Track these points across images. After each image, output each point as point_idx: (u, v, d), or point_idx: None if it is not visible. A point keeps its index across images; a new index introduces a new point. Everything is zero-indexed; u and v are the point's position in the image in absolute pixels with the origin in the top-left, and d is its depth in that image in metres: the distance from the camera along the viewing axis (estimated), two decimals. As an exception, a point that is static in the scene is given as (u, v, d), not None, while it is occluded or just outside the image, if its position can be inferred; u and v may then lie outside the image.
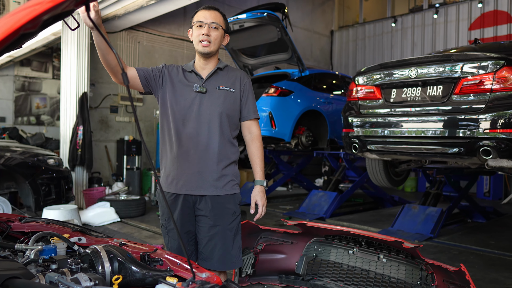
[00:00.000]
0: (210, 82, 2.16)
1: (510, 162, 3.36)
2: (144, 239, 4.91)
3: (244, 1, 10.06)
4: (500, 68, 3.36)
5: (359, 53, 12.11)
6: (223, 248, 2.11)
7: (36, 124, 9.45)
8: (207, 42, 2.09)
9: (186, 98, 2.13)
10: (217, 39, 2.12)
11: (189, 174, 2.12)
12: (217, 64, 2.20)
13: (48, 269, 1.23)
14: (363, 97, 4.31)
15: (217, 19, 2.12)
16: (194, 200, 2.15)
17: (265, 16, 5.65)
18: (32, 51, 8.90)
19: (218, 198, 2.14)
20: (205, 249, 2.14)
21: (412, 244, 1.79)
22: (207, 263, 2.14)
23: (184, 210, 2.15)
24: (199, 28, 2.11)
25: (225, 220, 2.13)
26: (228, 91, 2.17)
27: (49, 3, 0.79)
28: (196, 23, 2.12)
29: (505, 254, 4.27)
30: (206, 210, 2.13)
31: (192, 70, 2.18)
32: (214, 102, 2.13)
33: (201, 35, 2.09)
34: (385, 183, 5.07)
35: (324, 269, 2.25)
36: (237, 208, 2.20)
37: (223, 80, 2.19)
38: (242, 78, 2.24)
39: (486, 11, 9.62)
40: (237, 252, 2.16)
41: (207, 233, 2.13)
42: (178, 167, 2.14)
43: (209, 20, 2.09)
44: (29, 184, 5.09)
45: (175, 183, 2.15)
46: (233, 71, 2.26)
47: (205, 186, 2.13)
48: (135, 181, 7.81)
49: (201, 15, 2.11)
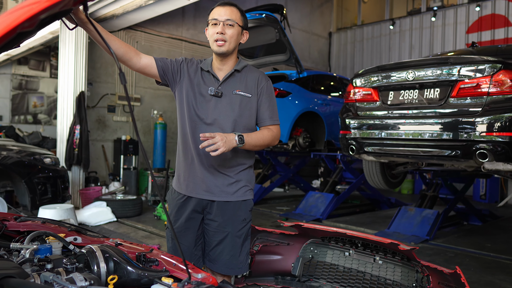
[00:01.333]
0: (226, 85, 2.04)
1: (506, 165, 3.38)
2: (141, 239, 4.91)
3: (243, 2, 10.07)
4: (497, 72, 3.37)
5: (357, 55, 12.14)
6: (231, 253, 2.06)
7: (33, 123, 9.42)
8: (222, 41, 1.96)
9: (201, 100, 2.03)
10: (233, 37, 1.98)
11: (200, 177, 2.06)
12: (235, 65, 2.07)
13: (43, 268, 1.22)
14: (361, 99, 4.32)
15: (233, 15, 1.97)
16: (204, 204, 2.09)
17: (263, 17, 5.66)
18: (30, 50, 8.88)
19: (228, 204, 2.07)
20: (213, 252, 2.09)
21: (408, 246, 1.79)
22: (213, 265, 2.10)
23: (193, 213, 2.10)
24: (213, 26, 1.98)
25: (234, 227, 2.07)
26: (244, 97, 2.04)
27: (47, 2, 0.79)
28: (211, 21, 1.99)
29: (501, 257, 4.28)
30: (215, 215, 2.08)
31: (209, 70, 2.06)
32: (229, 107, 2.02)
33: (215, 34, 1.96)
34: (382, 185, 5.08)
35: (320, 271, 2.25)
36: (248, 214, 2.12)
37: (241, 83, 2.06)
38: (260, 80, 2.10)
39: (484, 14, 9.66)
40: (245, 258, 2.11)
41: (215, 238, 2.08)
42: (190, 169, 2.08)
43: (223, 17, 1.96)
44: (25, 183, 5.07)
45: (185, 185, 2.10)
46: (252, 72, 2.11)
47: (215, 191, 2.06)
48: (132, 181, 7.80)
49: (216, 12, 1.98)
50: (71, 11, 0.90)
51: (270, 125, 2.11)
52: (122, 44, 1.88)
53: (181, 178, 2.12)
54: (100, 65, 8.10)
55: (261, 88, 2.09)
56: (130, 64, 1.95)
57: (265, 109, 2.10)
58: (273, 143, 2.14)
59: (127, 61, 1.92)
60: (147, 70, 2.01)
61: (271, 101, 2.12)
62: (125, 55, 1.89)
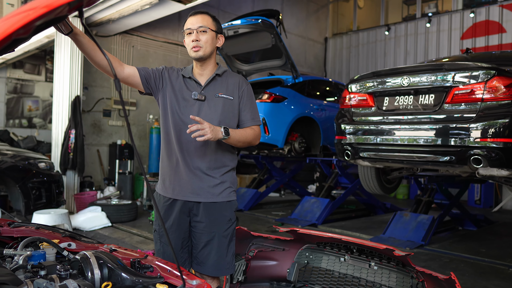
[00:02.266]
0: (209, 89, 2.14)
1: (500, 170, 3.40)
2: (136, 245, 4.88)
3: (239, 7, 10.10)
4: (491, 78, 3.40)
5: (353, 61, 12.19)
6: (218, 254, 2.12)
7: (27, 127, 9.37)
8: (197, 47, 2.08)
9: (185, 104, 2.12)
10: (207, 42, 2.09)
11: (186, 180, 2.12)
12: (215, 70, 2.18)
13: (36, 275, 1.22)
14: (356, 104, 4.33)
15: (204, 22, 2.10)
16: (190, 206, 2.15)
17: (259, 22, 5.68)
18: (25, 54, 8.84)
19: (214, 205, 2.14)
20: (200, 254, 2.14)
21: (403, 252, 1.80)
22: (201, 268, 2.15)
23: (180, 216, 2.15)
24: (189, 35, 2.10)
25: (221, 226, 2.14)
26: (226, 99, 2.15)
27: (43, 9, 0.79)
28: (185, 31, 2.11)
29: (495, 262, 4.29)
30: (202, 216, 2.14)
31: (190, 77, 2.16)
32: (212, 110, 2.12)
33: (191, 42, 2.08)
34: (377, 190, 5.08)
35: (315, 276, 2.25)
36: (233, 215, 2.21)
37: (222, 87, 2.17)
38: (241, 84, 2.21)
39: (478, 21, 9.74)
40: (231, 259, 2.17)
41: (203, 239, 2.13)
42: (175, 172, 2.14)
43: (196, 25, 2.08)
44: (19, 187, 5.04)
45: (171, 188, 2.16)
46: (232, 76, 2.23)
47: (201, 193, 2.13)
48: (127, 186, 7.77)
49: (189, 22, 2.11)
50: (67, 17, 0.90)
51: (252, 126, 2.22)
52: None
53: (167, 182, 2.18)
54: (95, 69, 8.06)
55: (242, 91, 2.20)
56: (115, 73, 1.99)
57: (247, 111, 2.21)
58: (255, 142, 2.24)
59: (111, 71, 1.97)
60: (130, 80, 2.08)
61: (252, 103, 2.24)
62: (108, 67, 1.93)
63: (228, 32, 5.98)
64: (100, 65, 1.92)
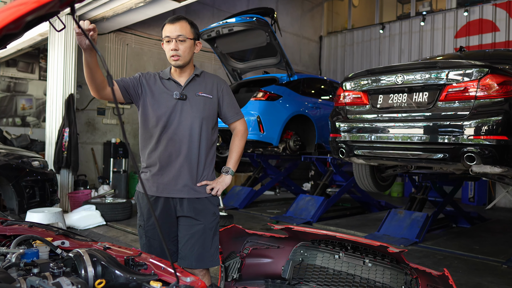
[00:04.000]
0: (189, 89, 2.22)
1: (493, 168, 3.42)
2: (130, 243, 4.87)
3: (233, 5, 10.08)
4: (484, 76, 3.42)
5: (348, 59, 12.22)
6: (202, 246, 2.18)
7: (21, 125, 9.30)
8: (176, 56, 2.14)
9: (167, 105, 2.18)
10: (186, 51, 2.16)
11: (169, 178, 2.19)
12: (193, 71, 2.26)
13: (29, 273, 1.21)
14: (351, 102, 4.34)
15: (183, 31, 2.14)
16: (174, 203, 2.21)
17: (254, 20, 5.67)
18: (19, 52, 8.78)
19: (199, 200, 2.22)
20: (184, 248, 2.19)
21: (397, 249, 1.80)
22: (185, 262, 2.19)
23: (164, 212, 2.21)
24: (167, 43, 2.16)
25: (207, 219, 2.21)
26: (206, 98, 2.24)
27: (34, 4, 0.78)
28: (164, 38, 2.16)
29: (489, 259, 4.32)
30: (187, 211, 2.20)
31: (169, 78, 2.23)
32: (194, 108, 2.20)
33: (170, 51, 2.14)
34: (372, 188, 5.10)
35: (310, 274, 2.26)
36: (217, 209, 2.29)
37: (201, 86, 2.25)
38: (219, 84, 2.31)
39: (472, 19, 9.79)
40: (215, 252, 2.23)
41: (188, 231, 2.19)
42: (158, 171, 2.20)
43: (174, 34, 2.13)
44: (12, 186, 5.00)
45: (155, 187, 2.21)
46: (209, 77, 2.33)
47: (184, 189, 2.20)
48: (121, 184, 7.74)
49: (167, 30, 2.15)
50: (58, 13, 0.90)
51: (236, 121, 2.35)
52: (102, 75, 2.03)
53: (150, 181, 2.23)
54: (89, 67, 8.03)
55: (222, 91, 2.31)
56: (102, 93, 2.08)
57: (229, 108, 2.33)
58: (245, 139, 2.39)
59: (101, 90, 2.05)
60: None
61: (231, 99, 2.35)
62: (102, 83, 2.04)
63: (223, 30, 5.97)
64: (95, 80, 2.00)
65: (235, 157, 2.34)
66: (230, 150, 2.36)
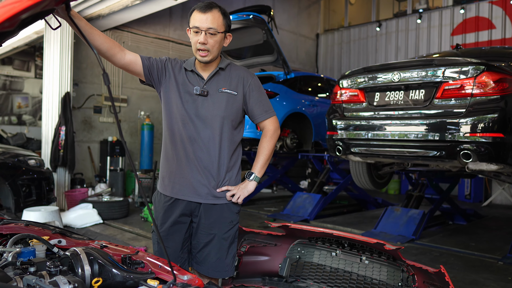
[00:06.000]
0: (212, 84, 2.02)
1: (489, 165, 3.43)
2: (127, 241, 4.86)
3: (230, 2, 10.06)
4: (480, 73, 3.43)
5: (344, 57, 12.22)
6: (217, 256, 2.03)
7: (17, 124, 9.26)
8: (204, 51, 1.92)
9: (187, 99, 2.00)
10: (215, 46, 1.94)
11: (187, 179, 2.03)
12: (218, 64, 2.04)
13: (26, 272, 1.21)
14: (347, 100, 4.35)
15: (215, 23, 1.90)
16: (193, 207, 2.06)
17: (251, 18, 5.66)
18: (14, 50, 8.74)
19: (215, 206, 2.05)
20: (200, 254, 2.07)
21: (394, 246, 1.81)
22: (200, 267, 2.07)
23: (181, 217, 2.06)
24: (195, 34, 1.92)
25: (221, 229, 2.04)
26: (230, 94, 2.02)
27: (29, 1, 0.78)
28: (192, 28, 1.92)
29: (485, 256, 4.35)
30: (202, 217, 2.05)
31: (192, 70, 2.03)
32: (215, 106, 2.00)
33: (198, 43, 1.92)
34: (369, 186, 5.11)
35: (307, 271, 2.26)
36: (235, 217, 2.10)
37: (225, 81, 2.04)
38: (246, 79, 2.07)
39: (468, 17, 9.82)
40: (231, 261, 2.08)
41: (202, 240, 2.05)
42: (177, 170, 2.05)
43: (205, 25, 1.89)
44: (8, 185, 4.98)
45: (170, 187, 2.07)
46: (236, 70, 2.09)
47: (202, 193, 2.03)
48: (118, 183, 7.72)
49: (198, 19, 1.90)
50: (54, 11, 0.89)
51: (265, 120, 2.11)
52: (107, 40, 1.79)
53: (166, 180, 2.08)
54: (86, 65, 8.01)
55: (249, 86, 2.06)
56: (114, 60, 1.87)
57: (258, 105, 2.08)
58: (276, 140, 2.15)
59: (111, 57, 1.84)
60: (131, 67, 1.94)
61: (261, 95, 2.10)
62: (109, 50, 1.81)
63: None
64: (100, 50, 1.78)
65: (262, 161, 2.10)
66: (257, 153, 2.13)
